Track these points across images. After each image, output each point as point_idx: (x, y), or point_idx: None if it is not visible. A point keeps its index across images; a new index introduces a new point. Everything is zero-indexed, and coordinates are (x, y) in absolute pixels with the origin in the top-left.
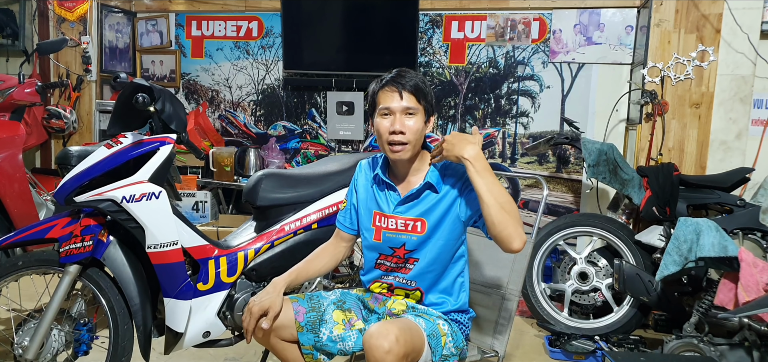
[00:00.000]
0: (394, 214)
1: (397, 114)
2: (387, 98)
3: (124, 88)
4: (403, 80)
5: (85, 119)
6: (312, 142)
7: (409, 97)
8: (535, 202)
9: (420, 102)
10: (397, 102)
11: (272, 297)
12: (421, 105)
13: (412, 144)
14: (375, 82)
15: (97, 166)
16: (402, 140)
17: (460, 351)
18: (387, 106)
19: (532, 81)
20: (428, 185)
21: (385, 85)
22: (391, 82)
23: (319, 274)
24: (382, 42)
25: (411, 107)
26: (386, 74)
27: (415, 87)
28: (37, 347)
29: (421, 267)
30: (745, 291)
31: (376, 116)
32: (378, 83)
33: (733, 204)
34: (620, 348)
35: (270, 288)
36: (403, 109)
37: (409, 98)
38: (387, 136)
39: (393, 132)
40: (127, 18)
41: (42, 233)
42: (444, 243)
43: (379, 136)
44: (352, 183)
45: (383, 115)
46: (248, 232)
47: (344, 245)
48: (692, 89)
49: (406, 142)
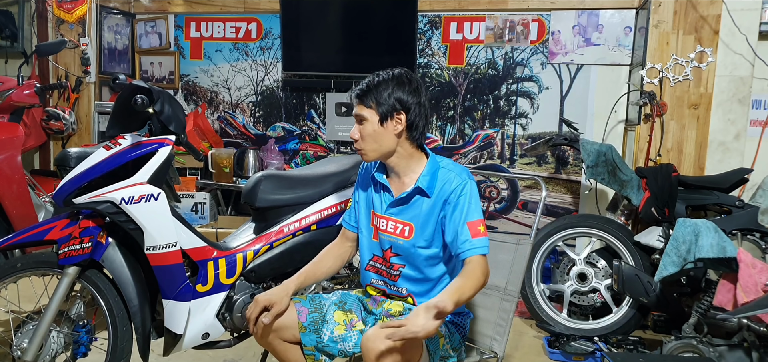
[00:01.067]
0: (386, 215)
1: (356, 123)
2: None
3: (122, 90)
4: (358, 89)
5: (84, 120)
6: (311, 144)
7: (357, 104)
8: (533, 203)
9: (368, 105)
10: (355, 111)
11: (280, 295)
12: (371, 107)
13: (368, 148)
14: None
15: (95, 167)
16: (358, 147)
17: (457, 351)
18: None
19: (530, 82)
20: (418, 190)
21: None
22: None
23: (327, 276)
24: (381, 43)
25: (360, 114)
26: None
27: (360, 93)
28: (36, 349)
29: (407, 274)
30: (744, 292)
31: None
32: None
33: (732, 205)
34: (619, 349)
35: (280, 288)
36: (356, 117)
37: (358, 106)
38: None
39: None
40: (126, 19)
41: (41, 235)
42: (430, 250)
43: None
44: (358, 179)
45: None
46: (247, 234)
47: (350, 244)
48: (691, 90)
49: (361, 148)
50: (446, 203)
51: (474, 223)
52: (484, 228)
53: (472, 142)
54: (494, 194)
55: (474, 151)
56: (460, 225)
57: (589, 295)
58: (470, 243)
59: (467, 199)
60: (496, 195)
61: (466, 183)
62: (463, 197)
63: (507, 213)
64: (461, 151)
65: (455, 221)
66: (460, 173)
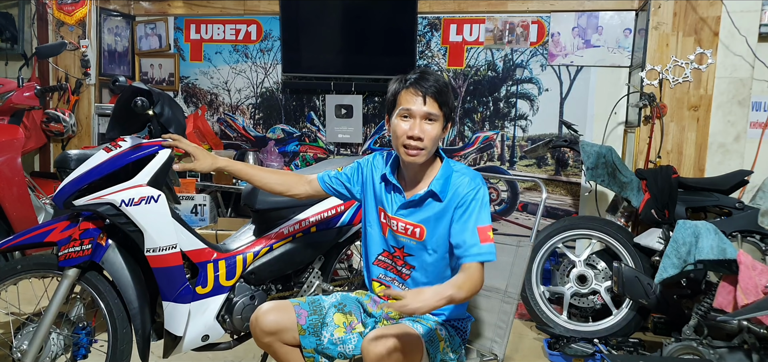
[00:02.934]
0: (397, 216)
1: (417, 118)
2: (409, 100)
3: (122, 92)
4: (426, 84)
5: (84, 123)
6: (311, 145)
7: (431, 102)
8: (533, 205)
9: (441, 108)
10: (419, 106)
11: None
12: (442, 111)
13: (428, 150)
14: (397, 80)
15: (95, 169)
16: (419, 146)
17: (457, 354)
18: (408, 107)
19: (530, 84)
20: (431, 193)
21: (408, 86)
22: (415, 84)
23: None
24: (381, 45)
25: (432, 113)
26: (410, 73)
27: (438, 92)
28: (36, 350)
29: (417, 277)
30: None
31: (395, 116)
32: (401, 83)
33: (732, 206)
34: (619, 351)
35: (208, 154)
36: (424, 114)
37: (432, 104)
38: (404, 138)
39: (411, 136)
40: (126, 22)
41: (41, 237)
42: (441, 253)
43: (396, 136)
44: (361, 164)
45: (402, 116)
46: (247, 236)
47: (305, 189)
48: (690, 92)
49: (423, 148)
50: (457, 207)
51: (484, 229)
52: (492, 235)
53: (472, 143)
54: (494, 196)
55: (474, 152)
56: (470, 229)
57: (589, 297)
58: (478, 248)
59: (479, 204)
60: (496, 197)
61: (479, 189)
62: (475, 202)
63: (507, 215)
64: (461, 152)
65: (464, 224)
66: (473, 178)
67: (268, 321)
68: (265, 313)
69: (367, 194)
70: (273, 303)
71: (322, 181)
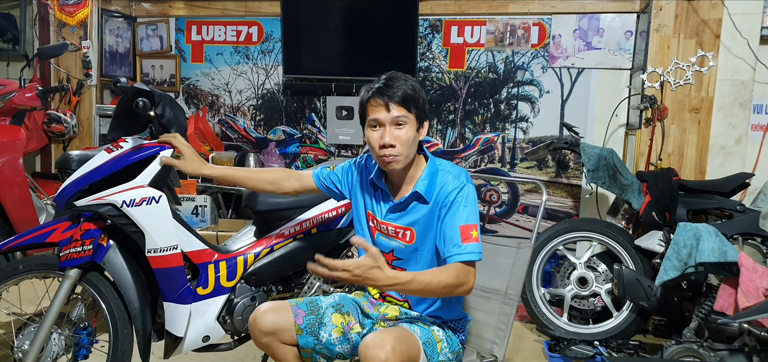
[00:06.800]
0: (386, 221)
1: (386, 125)
2: (374, 110)
3: (124, 93)
4: (390, 91)
5: (86, 123)
6: (311, 147)
7: (396, 107)
8: (534, 207)
9: (410, 110)
10: (385, 114)
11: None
12: (412, 113)
13: (403, 154)
14: (363, 89)
15: (97, 170)
16: (393, 153)
17: (455, 355)
18: (375, 117)
19: (531, 86)
20: (416, 195)
21: (371, 97)
22: (377, 94)
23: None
24: (382, 47)
25: (400, 117)
26: (374, 82)
27: (403, 96)
28: (37, 351)
29: None
30: (745, 296)
31: (366, 128)
32: (365, 92)
33: (733, 209)
34: (620, 354)
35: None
36: (392, 120)
37: (398, 108)
38: (377, 150)
39: (383, 145)
40: (128, 23)
41: (42, 237)
42: (432, 256)
43: (371, 147)
44: (353, 165)
45: (372, 127)
46: (248, 237)
47: (294, 184)
48: (692, 94)
49: (398, 154)
50: (442, 206)
51: (467, 228)
52: (477, 234)
53: (473, 145)
54: (495, 198)
55: (474, 154)
56: (452, 228)
57: (590, 299)
58: (459, 248)
59: (462, 202)
60: (497, 198)
61: (463, 186)
62: (459, 199)
63: (507, 217)
64: (462, 154)
65: (447, 223)
66: (457, 176)
67: (266, 322)
68: (263, 314)
69: (356, 197)
70: (271, 304)
71: (316, 177)
